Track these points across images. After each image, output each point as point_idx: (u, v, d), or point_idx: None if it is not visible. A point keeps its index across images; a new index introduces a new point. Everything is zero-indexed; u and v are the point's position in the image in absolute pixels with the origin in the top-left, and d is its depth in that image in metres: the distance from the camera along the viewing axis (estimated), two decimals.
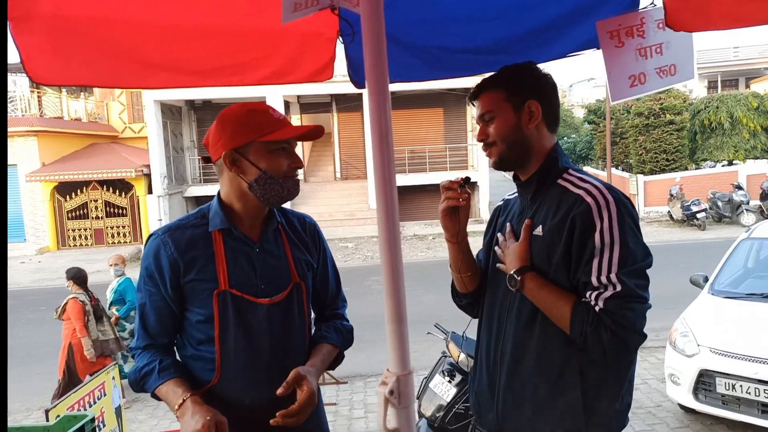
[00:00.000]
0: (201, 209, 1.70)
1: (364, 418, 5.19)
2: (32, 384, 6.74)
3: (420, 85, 17.42)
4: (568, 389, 1.50)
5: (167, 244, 1.62)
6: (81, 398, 3.59)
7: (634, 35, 1.73)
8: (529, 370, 1.54)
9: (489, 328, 1.67)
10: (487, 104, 1.59)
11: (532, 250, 1.54)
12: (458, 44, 1.97)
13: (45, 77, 1.73)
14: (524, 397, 1.56)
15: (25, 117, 19.46)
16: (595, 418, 1.50)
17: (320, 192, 20.76)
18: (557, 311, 1.47)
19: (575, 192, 1.50)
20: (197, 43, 1.81)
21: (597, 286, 1.41)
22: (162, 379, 1.59)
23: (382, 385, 1.07)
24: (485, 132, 1.61)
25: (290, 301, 1.69)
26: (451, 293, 1.84)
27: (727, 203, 17.04)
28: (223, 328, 1.61)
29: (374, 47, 1.07)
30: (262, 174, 1.57)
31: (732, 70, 30.57)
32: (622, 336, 1.38)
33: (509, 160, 1.61)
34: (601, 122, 25.36)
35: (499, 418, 1.61)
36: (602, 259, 1.41)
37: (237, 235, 1.64)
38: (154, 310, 1.65)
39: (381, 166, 1.07)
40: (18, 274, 15.64)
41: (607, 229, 1.42)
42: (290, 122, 1.65)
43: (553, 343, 1.50)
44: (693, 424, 4.63)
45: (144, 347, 1.67)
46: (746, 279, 5.21)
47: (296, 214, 1.84)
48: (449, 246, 1.69)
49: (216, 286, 1.60)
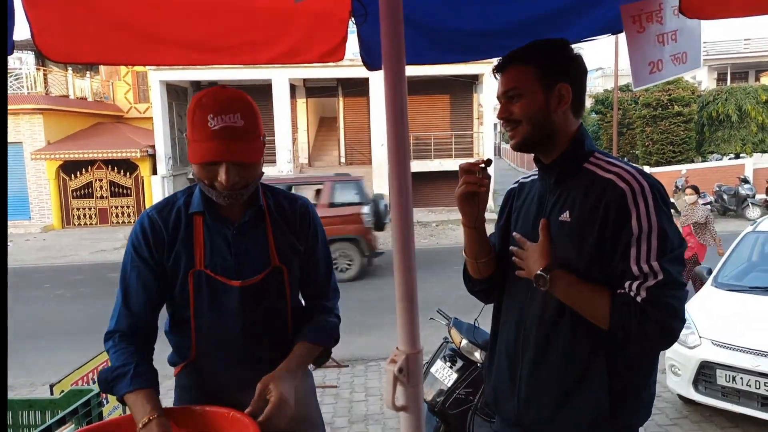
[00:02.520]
0: (190, 187, 1.69)
1: (365, 401, 5.22)
2: (36, 359, 6.81)
3: (426, 71, 17.31)
4: (595, 379, 1.45)
5: (155, 222, 1.63)
6: (84, 375, 3.61)
7: (653, 21, 1.70)
8: (555, 361, 1.50)
9: (508, 319, 1.62)
10: (513, 80, 1.49)
11: (559, 236, 1.47)
12: (471, 27, 1.94)
13: (56, 53, 1.73)
14: (547, 387, 1.51)
15: (30, 95, 19.43)
16: (622, 408, 1.47)
17: None
18: (592, 308, 1.40)
19: (605, 177, 1.44)
20: (209, 20, 1.80)
21: (638, 275, 1.36)
22: (133, 386, 1.51)
23: (392, 363, 1.08)
24: (508, 109, 1.50)
25: (267, 284, 1.64)
26: (464, 279, 1.75)
27: (732, 196, 16.98)
28: (198, 307, 1.62)
29: (391, 28, 1.07)
30: (194, 171, 1.57)
31: (742, 62, 30.26)
32: (669, 325, 1.35)
33: (533, 142, 1.51)
34: (608, 112, 25.21)
35: (519, 408, 1.57)
36: (640, 246, 1.37)
37: (215, 216, 1.63)
38: (142, 286, 1.62)
39: (395, 146, 1.07)
40: (22, 252, 15.73)
41: (644, 216, 1.37)
42: (223, 137, 1.46)
43: (581, 335, 1.46)
44: (692, 415, 4.65)
45: (122, 332, 1.61)
46: (750, 272, 5.21)
47: (288, 195, 1.78)
48: (466, 231, 1.60)
49: (192, 266, 1.60)
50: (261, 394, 1.49)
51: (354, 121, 21.94)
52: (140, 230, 1.63)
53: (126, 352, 1.57)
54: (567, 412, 1.49)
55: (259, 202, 1.66)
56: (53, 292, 10.92)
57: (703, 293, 5.11)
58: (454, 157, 21.02)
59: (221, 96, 1.50)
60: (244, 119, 1.49)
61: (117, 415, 3.72)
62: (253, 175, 1.57)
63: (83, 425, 1.83)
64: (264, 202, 1.69)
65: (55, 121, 19.69)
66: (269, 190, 1.74)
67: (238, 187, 1.53)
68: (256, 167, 1.57)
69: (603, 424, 1.47)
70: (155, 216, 1.64)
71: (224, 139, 1.46)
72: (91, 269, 13.17)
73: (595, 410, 1.46)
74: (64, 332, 7.95)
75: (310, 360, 1.68)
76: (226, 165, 1.49)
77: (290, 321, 1.70)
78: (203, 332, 1.64)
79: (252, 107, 1.54)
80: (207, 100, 1.50)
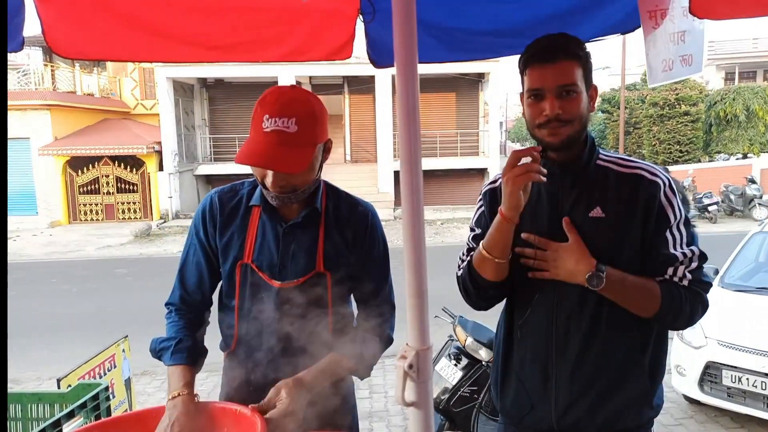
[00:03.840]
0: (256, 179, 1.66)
1: (369, 398, 5.24)
2: (43, 354, 6.85)
3: (433, 69, 17.28)
4: (635, 371, 1.52)
5: (214, 203, 1.67)
6: (92, 369, 3.64)
7: (666, 18, 1.70)
8: (595, 362, 1.50)
9: (532, 324, 1.56)
10: (569, 75, 1.40)
11: (594, 232, 1.46)
12: (479, 26, 1.94)
13: (66, 50, 1.74)
14: (589, 388, 1.51)
15: (38, 90, 19.54)
16: (656, 382, 1.57)
17: (330, 174, 20.46)
18: (643, 299, 1.46)
19: (632, 172, 1.49)
20: (218, 18, 1.80)
21: (682, 260, 1.46)
22: (173, 362, 1.59)
23: (402, 359, 1.09)
24: (562, 106, 1.40)
25: (308, 289, 1.60)
26: (473, 285, 1.59)
27: (739, 197, 16.90)
28: (242, 300, 1.64)
29: (404, 25, 1.07)
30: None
31: (750, 61, 30.06)
32: (706, 300, 1.51)
33: (572, 142, 1.46)
34: (615, 111, 25.12)
35: (557, 413, 1.54)
36: (675, 234, 1.47)
37: (272, 213, 1.62)
38: (195, 263, 1.69)
39: (407, 143, 1.07)
40: (30, 247, 15.82)
41: (676, 206, 1.47)
42: (272, 141, 1.44)
43: (619, 331, 1.49)
44: (697, 415, 4.64)
45: (176, 307, 1.68)
46: (757, 273, 5.18)
47: (352, 200, 1.71)
48: (505, 227, 1.45)
49: (241, 257, 1.62)
50: (271, 399, 1.46)
51: (360, 119, 21.94)
52: (201, 210, 1.69)
53: (176, 326, 1.65)
54: (612, 404, 1.52)
55: (315, 204, 1.62)
56: (59, 286, 10.98)
57: (709, 293, 5.07)
58: (460, 155, 21.00)
59: (284, 97, 1.48)
60: (299, 125, 1.45)
61: (123, 410, 3.75)
62: (303, 181, 1.54)
63: (92, 419, 1.85)
64: (323, 205, 1.65)
65: (62, 117, 19.78)
66: (334, 192, 1.70)
67: (285, 191, 1.53)
68: (306, 174, 1.53)
69: (644, 409, 1.55)
70: (216, 198, 1.68)
71: (273, 144, 1.44)
72: (98, 265, 13.23)
73: (639, 396, 1.53)
74: (71, 327, 7.99)
75: (338, 376, 1.60)
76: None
77: (331, 326, 1.63)
78: (244, 325, 1.65)
79: (313, 114, 1.50)
80: (270, 98, 1.48)
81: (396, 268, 1.51)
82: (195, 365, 1.63)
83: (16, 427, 1.99)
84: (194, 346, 1.65)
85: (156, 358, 1.68)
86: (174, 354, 1.60)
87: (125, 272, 12.08)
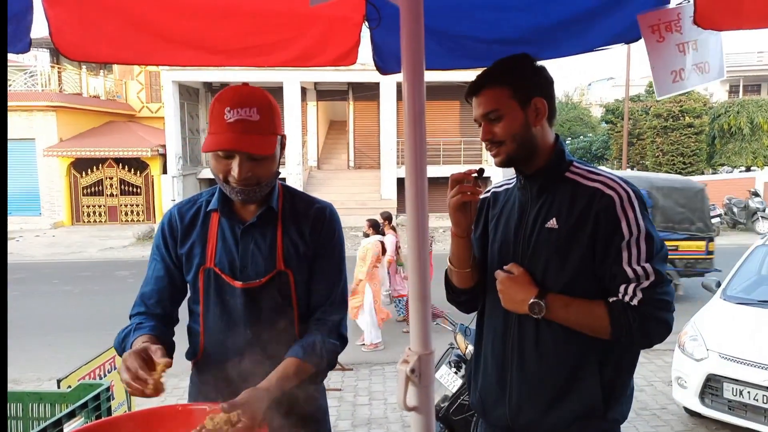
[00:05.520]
0: (215, 187, 1.70)
1: (369, 405, 5.23)
2: (43, 354, 6.85)
3: (437, 77, 17.32)
4: (587, 377, 1.51)
5: (173, 216, 1.69)
6: (92, 370, 3.64)
7: (672, 30, 1.70)
8: (546, 363, 1.53)
9: (494, 325, 1.65)
10: (491, 102, 1.53)
11: (546, 243, 1.52)
12: (484, 34, 1.95)
13: (73, 52, 1.75)
14: (540, 389, 1.55)
15: (44, 92, 19.63)
16: (613, 402, 1.54)
17: (333, 180, 20.78)
18: (591, 322, 1.46)
19: (591, 185, 1.51)
20: (224, 22, 1.82)
21: (632, 278, 1.44)
22: (135, 335, 1.55)
23: (404, 364, 1.09)
24: (491, 131, 1.55)
25: (270, 288, 1.61)
26: (448, 290, 1.76)
27: (742, 209, 16.88)
28: (206, 305, 1.64)
29: (412, 31, 1.08)
30: (212, 170, 1.58)
31: (755, 74, 30.08)
32: (665, 318, 1.44)
33: (517, 159, 1.56)
34: (618, 122, 25.13)
35: (511, 412, 1.59)
36: (631, 250, 1.44)
37: (229, 215, 1.64)
38: (154, 278, 1.68)
39: (413, 150, 1.09)
40: (32, 248, 15.86)
41: (633, 221, 1.45)
42: (237, 129, 1.47)
43: (571, 336, 1.50)
44: (698, 428, 4.62)
45: (136, 314, 1.67)
46: (760, 286, 5.16)
47: (307, 198, 1.73)
48: (457, 241, 1.62)
49: (204, 262, 1.63)
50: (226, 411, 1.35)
51: (364, 125, 21.99)
52: (161, 225, 1.70)
53: (135, 318, 1.65)
54: (561, 411, 1.53)
55: (271, 203, 1.63)
56: (61, 287, 11.00)
57: (711, 306, 5.07)
58: (463, 163, 21.00)
59: (241, 91, 1.52)
60: (261, 114, 1.50)
61: (124, 410, 3.74)
62: (266, 173, 1.56)
63: (92, 419, 1.85)
64: (280, 204, 1.66)
65: (67, 119, 19.87)
66: (290, 192, 1.72)
67: (250, 183, 1.53)
68: (269, 165, 1.56)
69: (594, 421, 1.53)
70: (175, 211, 1.71)
71: (238, 132, 1.47)
72: (100, 266, 13.26)
73: (588, 407, 1.52)
74: (72, 328, 8.01)
75: (298, 379, 1.54)
76: (239, 158, 1.50)
77: (298, 326, 1.65)
78: (210, 330, 1.65)
79: (271, 105, 1.55)
80: (227, 94, 1.52)
81: None
82: (158, 338, 1.54)
83: (16, 426, 1.99)
84: (156, 326, 1.60)
85: (121, 351, 1.59)
86: (136, 331, 1.57)
87: (127, 274, 12.10)
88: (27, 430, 1.97)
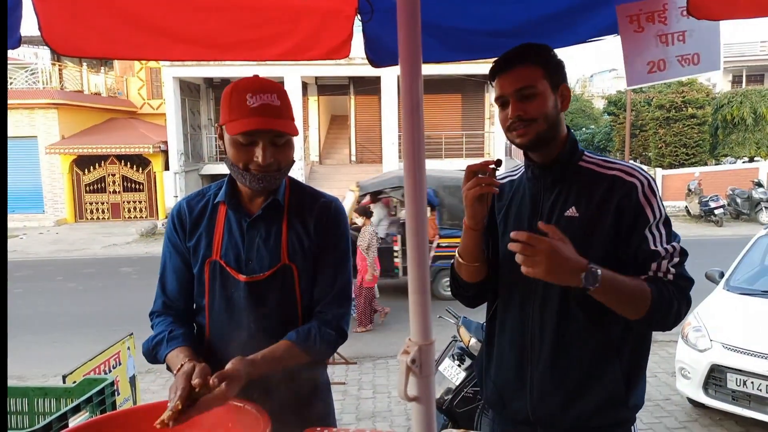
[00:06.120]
0: (222, 180, 1.70)
1: (372, 398, 5.25)
2: (48, 351, 6.89)
3: (439, 70, 17.27)
4: (609, 367, 1.53)
5: (182, 208, 1.70)
6: (97, 366, 3.66)
7: (655, 21, 1.71)
8: (570, 355, 1.53)
9: (511, 317, 1.62)
10: (526, 79, 1.49)
11: (566, 232, 1.45)
12: (478, 26, 1.94)
13: (64, 47, 1.74)
14: (563, 381, 1.54)
15: (45, 89, 19.65)
16: (634, 390, 1.56)
17: (335, 174, 20.78)
18: (633, 296, 1.42)
19: (609, 173, 1.52)
20: (217, 16, 1.80)
21: (664, 255, 1.46)
22: (170, 348, 1.56)
23: (404, 354, 1.10)
24: (522, 108, 1.49)
25: (274, 282, 1.61)
26: (454, 285, 1.72)
27: (746, 200, 16.83)
28: (211, 297, 1.64)
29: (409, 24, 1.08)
30: (227, 159, 1.58)
31: (758, 64, 29.86)
32: (690, 296, 1.49)
33: (544, 140, 1.52)
34: (621, 114, 25.05)
35: (532, 405, 1.58)
36: (654, 232, 1.48)
37: (236, 208, 1.64)
38: (173, 271, 1.69)
39: (411, 143, 1.09)
40: (36, 245, 15.91)
41: (656, 206, 1.49)
42: (262, 113, 1.49)
43: (594, 327, 1.50)
44: (701, 419, 4.63)
45: (159, 312, 1.68)
46: (763, 276, 5.16)
47: (314, 192, 1.73)
48: (471, 234, 1.56)
49: (210, 255, 1.63)
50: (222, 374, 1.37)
51: (365, 120, 21.95)
52: (170, 218, 1.71)
53: (163, 323, 1.65)
54: (584, 401, 1.54)
55: (277, 196, 1.63)
56: (65, 284, 11.05)
57: (714, 296, 5.07)
58: (465, 156, 20.97)
59: (258, 80, 1.55)
60: (281, 100, 1.53)
61: (129, 405, 3.76)
62: (287, 159, 1.57)
63: (97, 413, 1.86)
64: (286, 197, 1.66)
65: (69, 116, 19.89)
66: (297, 185, 1.72)
67: (272, 169, 1.54)
68: (289, 150, 1.58)
69: (616, 409, 1.55)
70: (184, 203, 1.71)
71: (263, 115, 1.49)
72: (103, 263, 13.30)
73: (611, 395, 1.53)
74: (76, 325, 8.05)
75: (288, 361, 1.55)
76: (263, 143, 1.50)
77: (301, 321, 1.64)
78: (215, 323, 1.65)
79: (285, 92, 1.57)
80: (244, 83, 1.54)
81: None
82: (192, 348, 1.57)
83: (22, 420, 2.00)
84: (188, 334, 1.63)
85: (151, 359, 1.63)
86: (169, 342, 1.58)
87: (131, 271, 12.15)
88: (32, 425, 1.99)
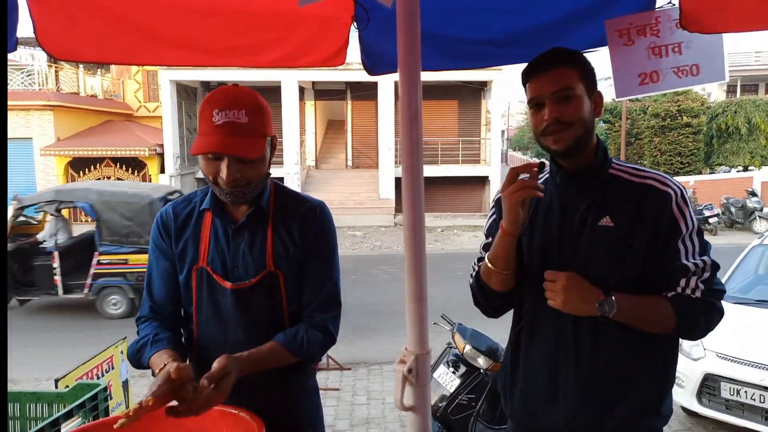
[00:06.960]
0: (208, 186, 1.69)
1: (367, 404, 5.23)
2: (42, 354, 6.85)
3: (435, 77, 17.32)
4: (642, 378, 1.51)
5: (168, 214, 1.68)
6: (90, 370, 3.64)
7: (646, 34, 1.72)
8: (604, 367, 1.51)
9: (543, 328, 1.57)
10: (565, 81, 1.44)
11: (601, 240, 1.47)
12: (474, 35, 1.95)
13: (58, 51, 1.74)
14: (598, 393, 1.52)
15: (41, 91, 19.60)
16: (664, 391, 1.55)
17: (331, 179, 20.79)
18: (655, 317, 1.45)
19: (643, 182, 1.49)
20: (212, 21, 1.80)
21: (694, 270, 1.44)
22: (153, 350, 1.55)
23: (401, 364, 1.10)
24: (559, 110, 1.43)
25: (260, 289, 1.60)
26: (480, 296, 1.63)
27: (740, 209, 16.90)
28: (199, 304, 1.64)
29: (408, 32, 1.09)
30: (202, 171, 1.57)
31: (752, 74, 30.07)
32: (721, 307, 1.48)
33: (580, 145, 1.47)
34: (616, 122, 25.13)
35: (566, 418, 1.55)
36: (687, 244, 1.46)
37: (221, 215, 1.63)
38: (160, 275, 1.67)
39: (409, 149, 1.09)
40: None
41: (689, 217, 1.47)
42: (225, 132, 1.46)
43: (628, 338, 1.49)
44: (695, 428, 4.63)
45: (146, 317, 1.67)
46: (757, 285, 5.18)
47: (299, 197, 1.71)
48: (508, 240, 1.47)
49: (196, 261, 1.62)
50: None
51: (362, 125, 21.99)
52: (155, 224, 1.70)
53: (149, 327, 1.64)
54: (620, 412, 1.52)
55: (261, 203, 1.62)
56: None
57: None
58: (461, 162, 21.04)
59: (230, 93, 1.51)
60: (249, 117, 1.49)
61: (121, 410, 3.74)
62: (256, 175, 1.54)
63: (90, 419, 1.85)
64: (271, 203, 1.65)
65: (65, 118, 19.83)
66: (282, 190, 1.70)
67: (239, 185, 1.52)
68: (258, 166, 1.54)
69: (650, 418, 1.54)
70: (169, 209, 1.70)
71: (225, 135, 1.46)
72: None
73: (645, 405, 1.52)
74: (71, 328, 7.99)
75: (274, 361, 1.55)
76: (228, 160, 1.48)
77: (288, 327, 1.63)
78: (203, 330, 1.64)
79: (260, 106, 1.53)
80: (215, 96, 1.51)
81: (396, 275, 1.51)
82: (177, 351, 1.56)
83: (14, 426, 1.98)
84: (173, 337, 1.61)
85: (136, 364, 1.61)
86: (153, 344, 1.56)
87: None
88: (24, 430, 1.97)
